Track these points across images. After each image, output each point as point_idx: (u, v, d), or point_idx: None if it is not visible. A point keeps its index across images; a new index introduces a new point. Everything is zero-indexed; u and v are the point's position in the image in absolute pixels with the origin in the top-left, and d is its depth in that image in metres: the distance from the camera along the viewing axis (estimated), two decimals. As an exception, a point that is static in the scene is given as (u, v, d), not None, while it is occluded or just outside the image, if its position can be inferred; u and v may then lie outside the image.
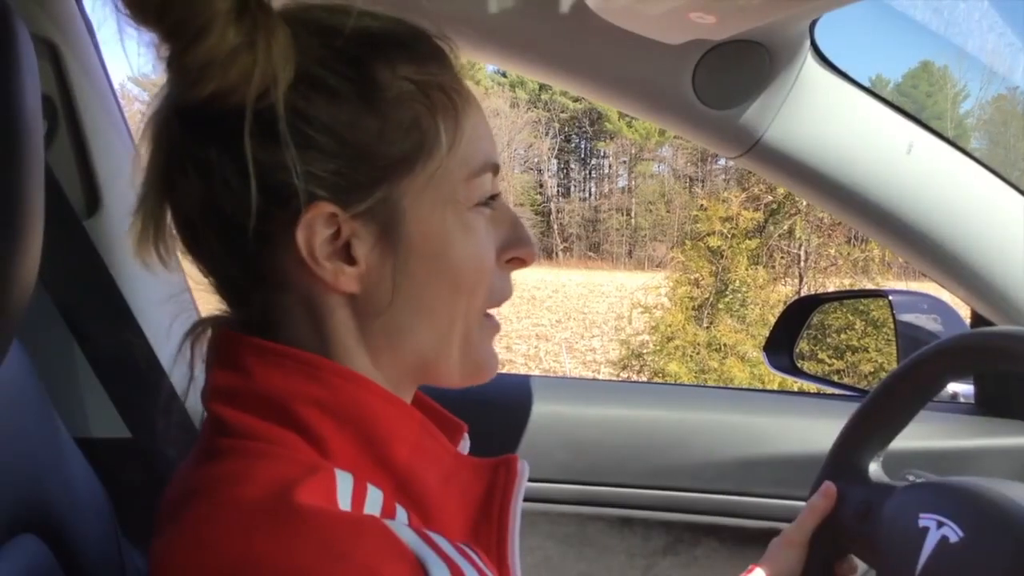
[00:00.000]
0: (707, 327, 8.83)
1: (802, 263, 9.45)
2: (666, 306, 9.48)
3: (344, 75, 0.62)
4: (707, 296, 8.95)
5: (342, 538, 0.53)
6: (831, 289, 8.86)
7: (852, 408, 1.03)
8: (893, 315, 1.52)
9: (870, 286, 8.87)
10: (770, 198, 9.26)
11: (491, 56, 1.16)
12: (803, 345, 1.68)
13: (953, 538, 0.84)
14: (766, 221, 9.30)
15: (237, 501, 0.55)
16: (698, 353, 8.60)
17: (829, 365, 7.06)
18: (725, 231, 8.97)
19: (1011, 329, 0.89)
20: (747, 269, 8.95)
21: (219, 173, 0.60)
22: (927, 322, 1.54)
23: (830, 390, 1.62)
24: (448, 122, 0.65)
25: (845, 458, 1.02)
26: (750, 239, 9.08)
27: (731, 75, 1.10)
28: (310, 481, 0.55)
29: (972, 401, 1.47)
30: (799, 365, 1.65)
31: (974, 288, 1.24)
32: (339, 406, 0.62)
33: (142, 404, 1.04)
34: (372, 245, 0.63)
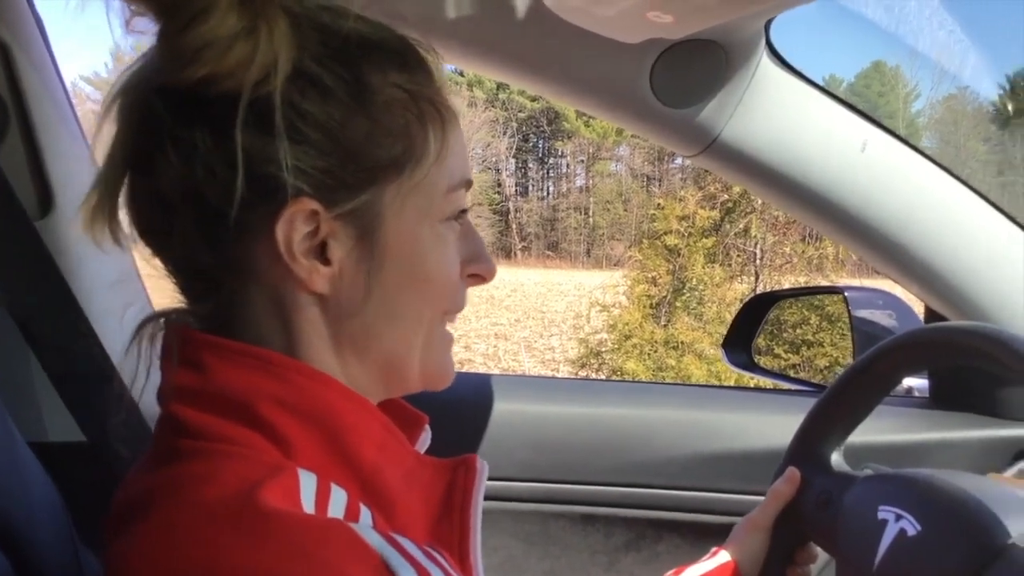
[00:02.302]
0: (664, 325, 8.89)
1: (758, 261, 9.55)
2: (624, 304, 9.54)
3: (339, 75, 0.62)
4: (664, 294, 9.02)
5: (307, 541, 0.52)
6: (787, 286, 8.99)
7: (809, 403, 1.05)
8: (849, 311, 1.54)
9: (824, 283, 9.01)
10: (726, 197, 9.35)
11: (450, 55, 1.16)
12: (760, 341, 1.70)
13: (911, 531, 0.85)
14: (722, 219, 9.39)
15: (201, 503, 0.54)
16: (656, 351, 8.66)
17: (785, 360, 7.15)
18: (682, 230, 9.05)
19: (968, 324, 0.91)
20: (704, 267, 9.04)
21: (203, 157, 0.60)
22: (882, 317, 1.56)
23: (787, 386, 1.64)
24: (436, 133, 0.66)
25: (807, 447, 1.04)
26: (706, 237, 9.16)
27: (688, 74, 1.11)
28: (273, 482, 0.55)
29: (927, 395, 1.49)
30: (757, 361, 1.67)
31: (928, 284, 1.27)
32: (303, 405, 0.61)
33: (96, 406, 1.02)
34: (349, 248, 0.63)
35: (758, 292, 8.87)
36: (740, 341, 1.68)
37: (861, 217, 1.21)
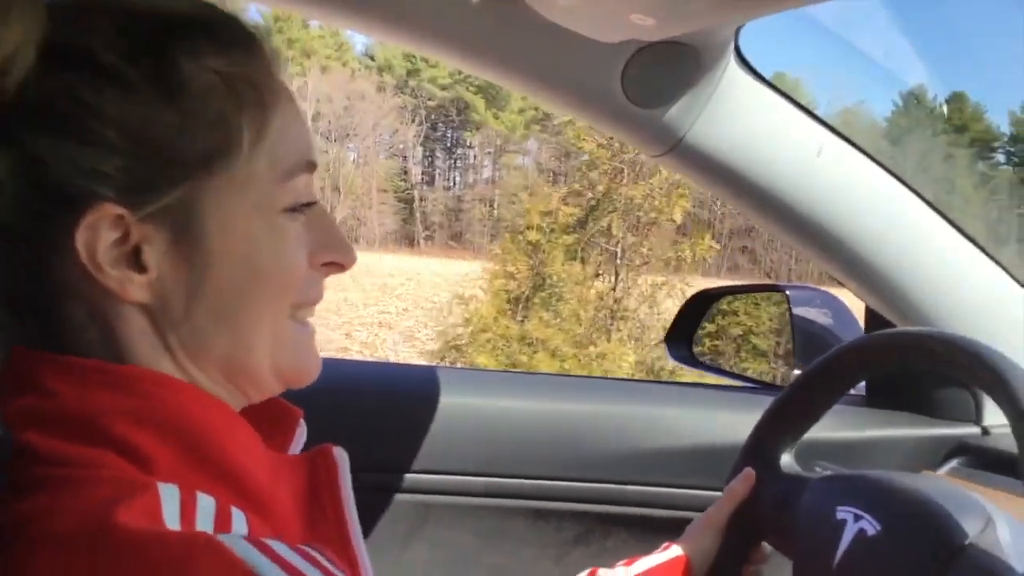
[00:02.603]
0: (520, 321, 8.85)
1: (618, 260, 9.59)
2: (481, 298, 9.45)
3: (141, 65, 0.57)
4: (523, 290, 8.95)
5: (170, 561, 0.49)
6: (646, 286, 9.16)
7: (754, 399, 1.07)
8: (790, 309, 1.58)
9: (679, 282, 9.19)
10: (590, 195, 9.38)
11: (413, 44, 1.14)
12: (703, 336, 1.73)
13: (871, 531, 0.86)
14: (586, 217, 9.39)
15: (51, 539, 0.50)
16: (509, 346, 8.60)
17: (721, 355, 7.32)
18: (544, 225, 8.99)
19: (931, 330, 0.94)
20: (563, 264, 9.01)
21: None
22: (819, 316, 1.61)
23: (728, 381, 1.68)
24: (254, 119, 0.61)
25: (760, 448, 1.06)
26: (568, 234, 9.13)
27: (659, 74, 1.12)
28: (130, 502, 0.51)
29: (863, 394, 1.54)
30: (698, 357, 1.71)
31: (875, 287, 1.31)
32: (155, 414, 0.57)
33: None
34: (165, 251, 0.59)
35: (617, 291, 8.98)
36: (682, 336, 1.71)
37: (815, 220, 1.24)
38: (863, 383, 1.54)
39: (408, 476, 1.33)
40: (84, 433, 0.55)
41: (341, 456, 0.68)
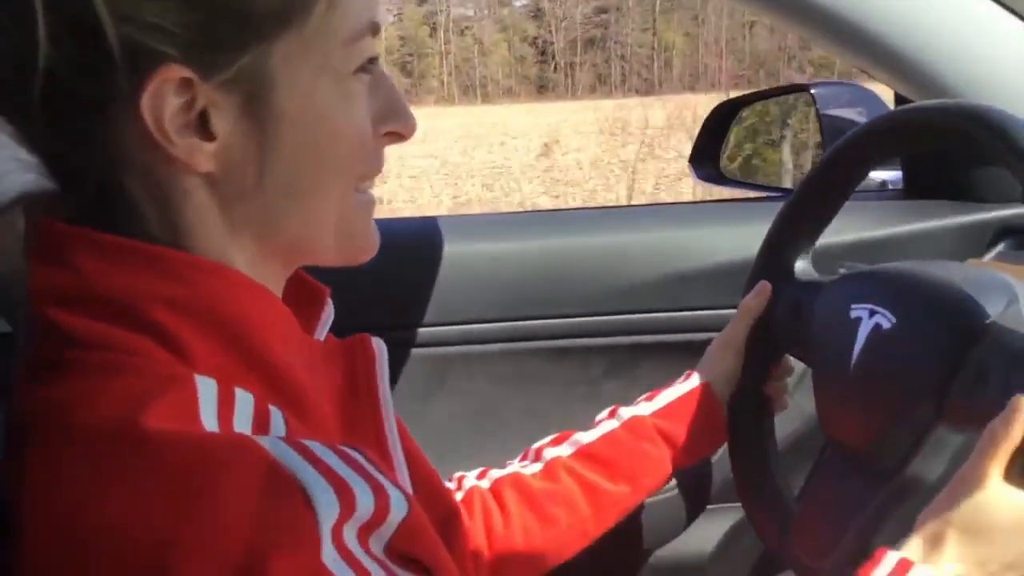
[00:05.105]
0: None
1: None
2: None
3: None
4: None
5: (206, 472, 0.46)
6: None
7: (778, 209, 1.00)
8: (817, 110, 1.47)
9: None
10: None
11: None
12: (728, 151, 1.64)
13: (886, 325, 0.82)
14: None
15: (81, 429, 0.48)
16: None
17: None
18: None
19: (925, 103, 0.86)
20: None
21: (45, 23, 0.50)
22: (851, 114, 1.50)
23: (757, 194, 1.59)
24: None
25: (773, 258, 1.00)
26: None
27: None
28: (166, 396, 0.49)
29: (900, 188, 1.44)
30: (725, 173, 1.62)
31: (896, 67, 1.19)
32: (198, 303, 0.55)
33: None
34: (235, 118, 0.55)
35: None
36: (707, 154, 1.62)
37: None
38: (900, 174, 1.44)
39: (421, 330, 1.29)
40: (121, 316, 0.53)
41: (380, 347, 0.66)
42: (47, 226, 0.56)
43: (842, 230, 1.01)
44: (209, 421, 0.50)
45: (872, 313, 0.84)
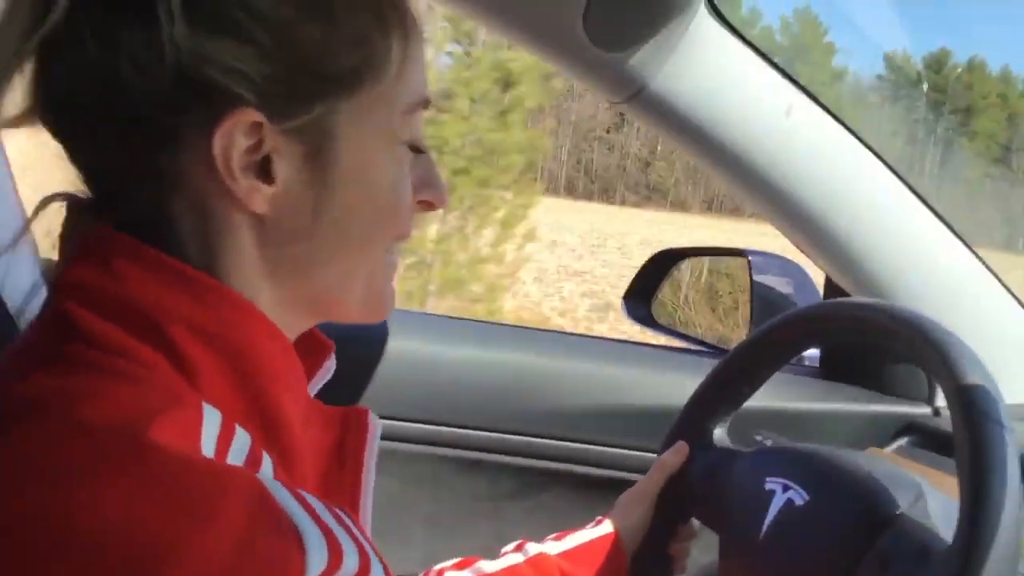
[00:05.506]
0: None
1: None
2: None
3: None
4: None
5: (208, 495, 0.45)
6: None
7: (707, 363, 1.04)
8: (751, 275, 1.54)
9: None
10: None
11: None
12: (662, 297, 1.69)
13: (799, 501, 0.84)
14: None
15: (83, 424, 0.47)
16: None
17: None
18: None
19: (867, 301, 0.91)
20: None
21: (129, 51, 0.52)
22: (780, 284, 1.57)
23: (684, 344, 1.64)
24: (399, 43, 0.60)
25: (693, 421, 1.03)
26: None
27: (625, 16, 1.06)
28: (172, 414, 0.48)
29: (817, 365, 1.51)
30: (656, 318, 1.67)
31: (833, 255, 1.27)
32: (219, 335, 0.55)
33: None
34: (296, 167, 0.57)
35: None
36: (642, 295, 1.67)
37: (777, 182, 1.20)
38: (817, 354, 1.51)
39: None
40: (144, 328, 0.53)
41: (375, 424, 0.67)
42: (96, 227, 0.57)
43: (758, 398, 1.05)
44: (208, 448, 0.49)
45: (786, 488, 0.86)
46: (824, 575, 0.81)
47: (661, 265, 1.70)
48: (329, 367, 0.71)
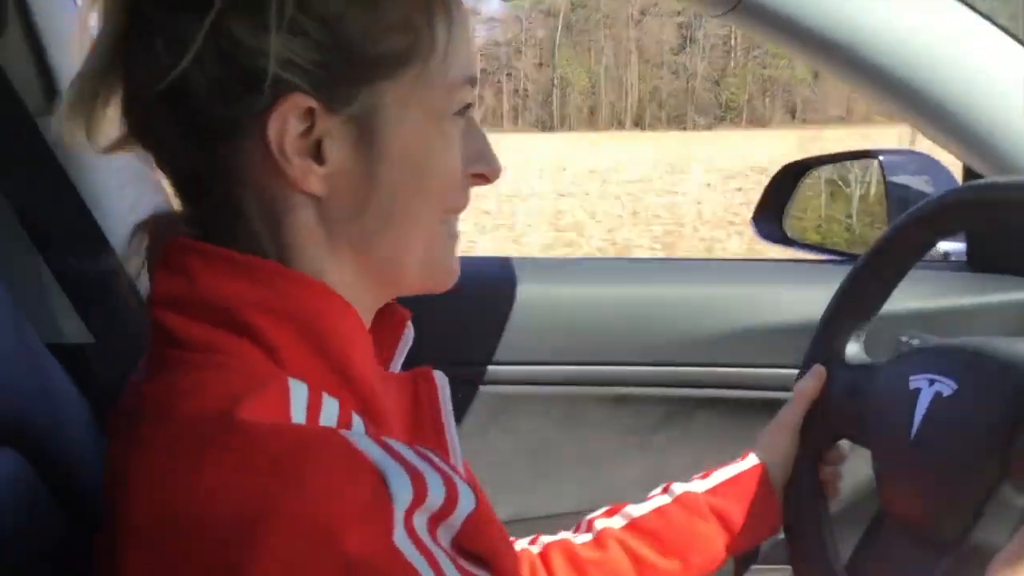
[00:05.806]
0: None
1: None
2: None
3: None
4: None
5: (295, 456, 0.50)
6: None
7: (844, 273, 1.00)
8: (884, 176, 1.48)
9: None
10: None
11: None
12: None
13: (946, 392, 0.81)
14: None
15: (184, 419, 0.53)
16: None
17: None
18: None
19: (990, 180, 0.85)
20: None
21: (192, 48, 0.56)
22: (917, 183, 1.50)
23: (822, 257, 1.58)
24: (442, 26, 0.62)
25: (826, 342, 0.99)
26: None
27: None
28: (261, 393, 0.54)
29: (963, 259, 1.44)
30: (789, 234, 1.62)
31: (965, 140, 1.19)
32: (292, 313, 0.60)
33: (104, 307, 0.99)
34: (347, 147, 0.61)
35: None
36: (772, 213, 1.62)
37: (892, 69, 1.13)
38: (963, 248, 1.43)
39: (485, 368, 1.32)
40: (223, 321, 0.58)
41: (442, 381, 0.70)
42: (172, 239, 0.62)
43: (903, 299, 0.99)
44: (298, 418, 0.54)
45: (932, 382, 0.83)
46: (984, 455, 0.77)
47: (788, 179, 1.64)
48: (408, 335, 0.74)
